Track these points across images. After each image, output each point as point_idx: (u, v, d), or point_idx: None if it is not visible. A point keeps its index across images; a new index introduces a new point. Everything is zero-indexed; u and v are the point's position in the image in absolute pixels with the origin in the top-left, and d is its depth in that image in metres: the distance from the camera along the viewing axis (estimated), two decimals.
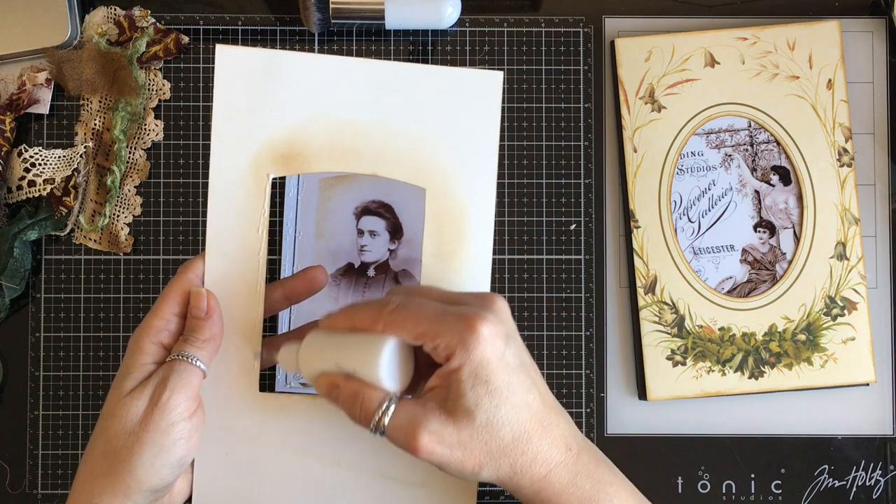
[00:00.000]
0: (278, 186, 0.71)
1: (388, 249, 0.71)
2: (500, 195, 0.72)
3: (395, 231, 0.71)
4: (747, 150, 0.71)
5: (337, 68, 0.57)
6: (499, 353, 0.51)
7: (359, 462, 0.57)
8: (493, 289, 0.71)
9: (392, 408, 0.51)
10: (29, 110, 0.70)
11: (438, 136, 0.57)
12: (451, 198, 0.57)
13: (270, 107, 0.57)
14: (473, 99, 0.57)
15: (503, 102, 0.72)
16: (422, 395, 0.52)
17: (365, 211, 0.71)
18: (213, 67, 0.72)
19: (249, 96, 0.57)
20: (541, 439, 0.52)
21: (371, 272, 0.71)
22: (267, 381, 0.70)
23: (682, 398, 0.70)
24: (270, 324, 0.70)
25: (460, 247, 0.57)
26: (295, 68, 0.57)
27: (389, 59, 0.72)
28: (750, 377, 0.70)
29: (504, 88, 0.72)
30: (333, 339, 0.53)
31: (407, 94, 0.57)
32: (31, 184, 0.70)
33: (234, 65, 0.57)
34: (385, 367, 0.51)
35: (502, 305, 0.53)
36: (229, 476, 0.57)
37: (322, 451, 0.57)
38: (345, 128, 0.57)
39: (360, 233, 0.71)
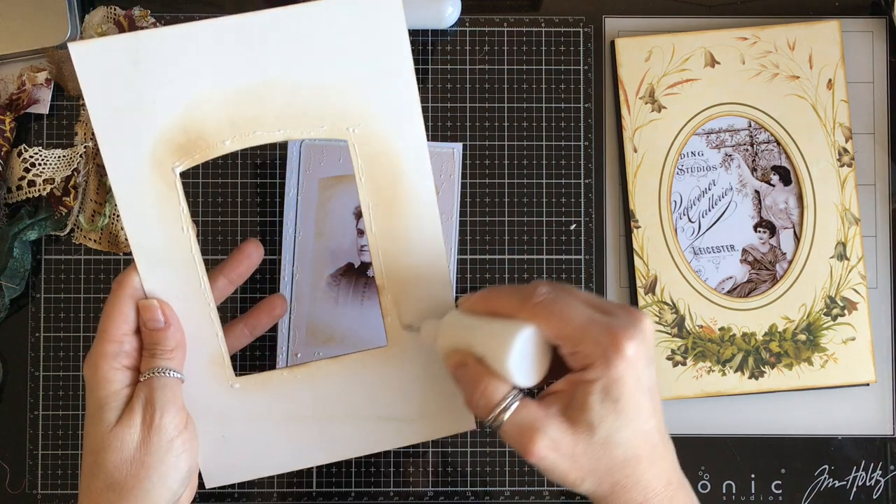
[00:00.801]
0: (278, 186, 0.71)
1: None
2: (500, 195, 0.72)
3: None
4: (747, 150, 0.71)
5: (210, 35, 0.52)
6: (636, 374, 0.49)
7: (354, 412, 0.56)
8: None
9: (515, 405, 0.49)
10: (29, 110, 0.70)
11: (344, 78, 0.52)
12: (377, 141, 0.53)
13: (151, 97, 0.52)
14: (372, 30, 0.52)
15: (503, 102, 0.72)
16: (544, 396, 0.51)
17: None
18: None
19: (124, 92, 0.51)
20: (648, 467, 0.50)
21: (371, 272, 0.71)
22: (258, 363, 0.71)
23: (683, 398, 0.70)
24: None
25: (400, 190, 0.54)
26: (164, 47, 0.51)
27: None
28: (750, 377, 0.70)
29: (504, 88, 0.72)
30: (472, 321, 0.51)
31: (296, 42, 0.52)
32: (31, 184, 0.70)
33: (95, 62, 0.51)
34: (516, 356, 0.48)
35: (649, 326, 0.50)
36: (232, 455, 0.57)
37: (315, 411, 0.56)
38: (239, 97, 0.52)
39: (360, 233, 0.71)
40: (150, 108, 0.52)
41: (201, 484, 0.72)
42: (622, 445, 0.49)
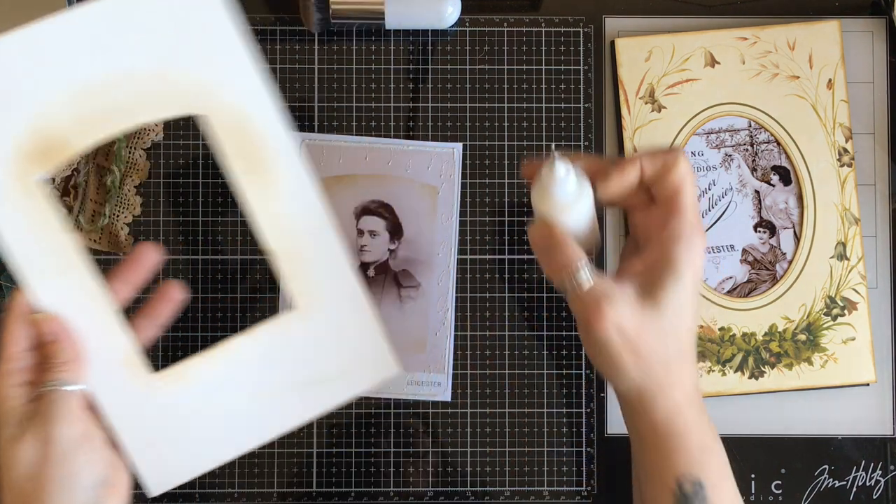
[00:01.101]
0: None
1: (388, 249, 0.71)
2: (500, 195, 0.72)
3: (395, 231, 0.71)
4: (747, 150, 0.72)
5: (45, 35, 0.53)
6: (699, 278, 0.52)
7: (279, 382, 0.58)
8: (492, 289, 0.72)
9: (590, 271, 0.51)
10: None
11: (180, 56, 0.54)
12: (230, 111, 0.55)
13: None
14: (194, 8, 0.54)
15: (503, 102, 0.72)
16: (619, 274, 0.53)
17: (364, 211, 0.71)
18: None
19: None
20: (691, 369, 0.52)
21: (371, 272, 0.71)
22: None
23: None
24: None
25: (267, 155, 0.56)
26: (4, 58, 0.53)
27: (390, 60, 0.72)
28: (750, 377, 0.70)
29: (504, 88, 0.72)
30: (567, 200, 0.53)
31: (129, 31, 0.53)
32: None
33: None
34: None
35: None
36: (170, 456, 0.57)
37: (241, 390, 0.57)
38: (84, 94, 0.53)
39: (360, 233, 0.71)
40: (1, 120, 0.53)
41: (200, 484, 0.72)
42: (682, 339, 0.51)
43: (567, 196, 0.53)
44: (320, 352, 0.58)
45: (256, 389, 0.58)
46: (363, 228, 0.71)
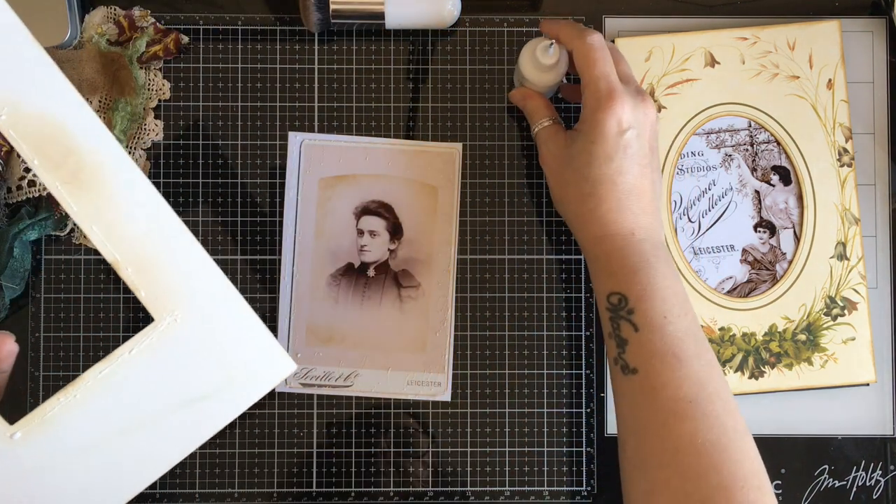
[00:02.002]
0: (278, 186, 0.71)
1: (388, 249, 0.71)
2: (499, 195, 0.72)
3: (395, 231, 0.71)
4: (747, 150, 0.72)
5: None
6: (617, 130, 0.61)
7: (161, 406, 0.54)
8: (492, 289, 0.71)
9: (547, 124, 0.67)
10: None
11: None
12: (32, 119, 0.52)
13: None
14: None
15: (503, 102, 0.72)
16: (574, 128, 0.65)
17: (365, 211, 0.71)
18: (213, 67, 0.72)
19: None
20: (615, 207, 0.61)
21: (371, 272, 0.71)
22: None
23: None
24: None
25: (90, 163, 0.53)
26: None
27: (390, 60, 0.72)
28: (750, 377, 0.70)
29: (504, 88, 0.72)
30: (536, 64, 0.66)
31: None
32: (31, 184, 0.70)
33: None
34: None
35: (649, 108, 0.63)
36: (27, 481, 0.53)
37: (118, 425, 0.53)
38: None
39: (360, 233, 0.71)
40: None
41: (200, 484, 0.72)
42: (597, 182, 0.61)
43: (548, 60, 0.65)
44: (199, 364, 0.54)
45: (140, 417, 0.53)
46: (363, 228, 0.71)
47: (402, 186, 0.71)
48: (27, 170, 0.69)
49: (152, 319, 0.54)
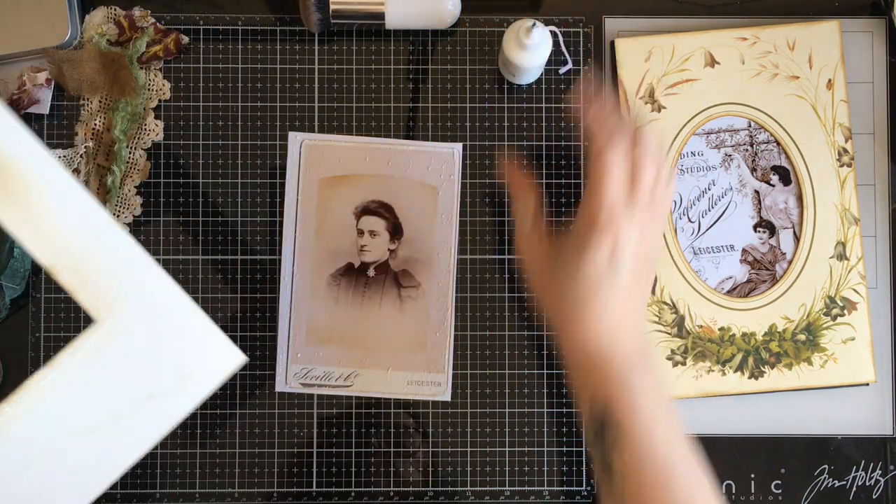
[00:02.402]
0: (278, 186, 0.71)
1: (388, 249, 0.71)
2: (500, 195, 0.72)
3: (395, 231, 0.71)
4: (747, 150, 0.72)
5: None
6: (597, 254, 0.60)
7: (103, 415, 0.53)
8: (492, 289, 0.72)
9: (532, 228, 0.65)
10: (29, 110, 0.70)
11: None
12: None
13: None
14: None
15: (503, 102, 0.72)
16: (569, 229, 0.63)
17: (365, 211, 0.71)
18: (213, 67, 0.72)
19: None
20: (583, 325, 0.59)
21: (371, 272, 0.71)
22: (258, 371, 0.71)
23: (682, 398, 0.70)
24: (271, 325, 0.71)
25: (9, 167, 0.52)
26: None
27: (390, 60, 0.72)
28: (750, 377, 0.70)
29: (504, 88, 0.72)
30: None
31: None
32: None
33: None
34: None
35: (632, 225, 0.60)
36: None
37: (59, 435, 0.53)
38: None
39: (360, 233, 0.71)
40: None
41: (200, 484, 0.72)
42: (579, 287, 0.59)
43: (532, 41, 0.65)
44: (147, 362, 0.54)
45: (85, 423, 0.52)
46: (363, 228, 0.71)
47: (402, 186, 0.71)
48: None
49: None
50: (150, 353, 0.54)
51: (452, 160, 0.72)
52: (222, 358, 0.55)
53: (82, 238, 0.53)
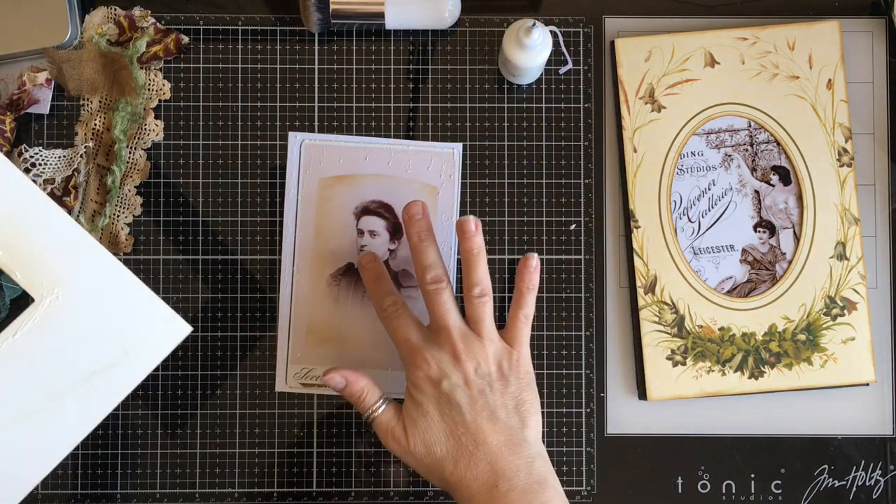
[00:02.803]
0: (278, 186, 0.71)
1: (388, 249, 0.71)
2: (500, 195, 0.72)
3: (395, 231, 0.71)
4: (747, 150, 0.72)
5: None
6: (435, 389, 0.62)
7: (49, 393, 0.54)
8: (494, 289, 0.71)
9: (382, 408, 0.64)
10: (29, 110, 0.70)
11: None
12: None
13: None
14: None
15: (503, 102, 0.72)
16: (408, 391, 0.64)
17: (365, 211, 0.71)
18: (213, 67, 0.72)
19: None
20: (465, 469, 0.61)
21: None
22: (258, 371, 0.71)
23: (682, 398, 0.70)
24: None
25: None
26: None
27: (390, 60, 0.72)
28: (750, 377, 0.70)
29: (504, 88, 0.72)
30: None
31: None
32: None
33: None
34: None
35: (461, 355, 0.63)
36: None
37: (9, 412, 0.53)
38: None
39: (360, 233, 0.71)
40: None
41: (200, 484, 0.72)
42: (436, 445, 0.61)
43: (532, 41, 0.65)
44: (90, 338, 0.54)
45: (31, 402, 0.53)
46: (363, 228, 0.71)
47: (402, 186, 0.71)
48: (27, 170, 0.69)
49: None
50: (93, 330, 0.54)
51: (452, 160, 0.71)
52: (168, 330, 0.55)
53: (17, 218, 0.53)
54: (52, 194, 0.69)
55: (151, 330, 0.55)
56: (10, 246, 0.53)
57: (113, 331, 0.54)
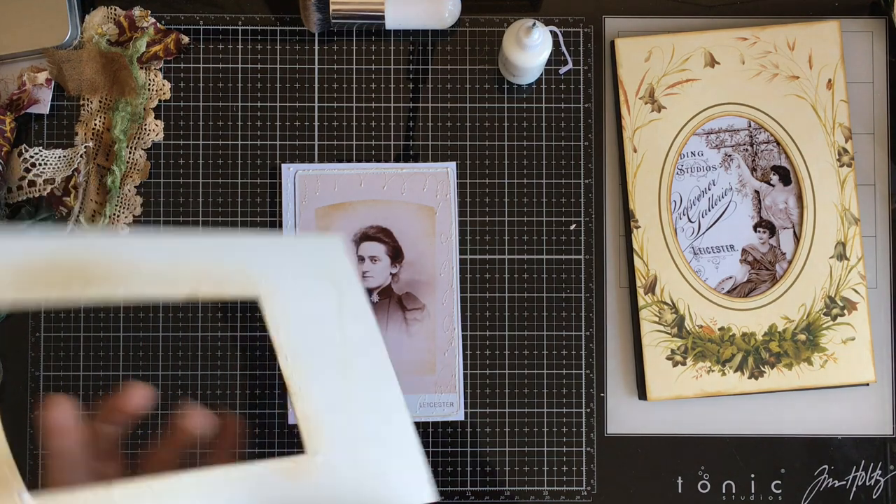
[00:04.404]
0: (278, 186, 0.71)
1: (390, 273, 0.71)
2: (500, 195, 0.72)
3: (396, 255, 0.71)
4: (747, 150, 0.72)
5: None
6: None
7: None
8: (492, 289, 0.72)
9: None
10: (29, 110, 0.70)
11: None
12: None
13: None
14: None
15: (503, 102, 0.72)
16: None
17: (364, 237, 0.71)
18: (213, 67, 0.72)
19: None
20: None
21: (375, 297, 0.71)
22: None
23: (682, 398, 0.70)
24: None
25: None
26: None
27: (390, 60, 0.72)
28: (750, 377, 0.70)
29: (504, 88, 0.72)
30: None
31: None
32: (32, 184, 0.70)
33: None
34: None
35: None
36: None
37: None
38: None
39: (361, 259, 0.71)
40: None
41: None
42: None
43: (532, 41, 0.65)
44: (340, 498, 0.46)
45: None
46: (363, 255, 0.71)
47: (399, 210, 0.71)
48: (27, 170, 0.69)
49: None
50: (346, 492, 0.46)
51: (447, 179, 0.71)
52: (413, 491, 0.48)
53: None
54: (52, 194, 0.69)
55: (400, 483, 0.48)
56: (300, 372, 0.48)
57: (363, 493, 0.47)
